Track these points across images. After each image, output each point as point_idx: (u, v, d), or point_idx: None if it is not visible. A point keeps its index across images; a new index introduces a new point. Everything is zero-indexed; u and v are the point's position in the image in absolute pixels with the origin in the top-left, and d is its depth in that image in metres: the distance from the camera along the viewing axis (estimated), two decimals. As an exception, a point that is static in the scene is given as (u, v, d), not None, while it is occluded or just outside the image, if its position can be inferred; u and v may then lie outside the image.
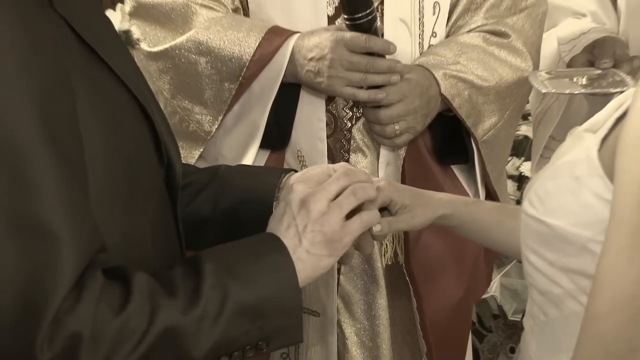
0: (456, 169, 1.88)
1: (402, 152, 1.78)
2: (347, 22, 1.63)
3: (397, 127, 1.69)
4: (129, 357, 0.95)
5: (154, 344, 0.96)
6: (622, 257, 0.86)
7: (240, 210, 1.33)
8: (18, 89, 0.90)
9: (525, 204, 1.08)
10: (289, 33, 1.70)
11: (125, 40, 1.95)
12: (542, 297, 1.07)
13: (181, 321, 0.98)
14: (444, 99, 1.73)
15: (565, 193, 1.00)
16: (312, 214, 1.12)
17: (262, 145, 1.76)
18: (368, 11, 1.60)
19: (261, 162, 1.78)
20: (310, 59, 1.66)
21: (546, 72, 1.84)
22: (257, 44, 1.68)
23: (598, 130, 1.00)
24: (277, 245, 1.10)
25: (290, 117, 1.76)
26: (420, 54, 1.79)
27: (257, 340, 1.06)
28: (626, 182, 0.87)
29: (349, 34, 1.62)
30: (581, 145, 1.01)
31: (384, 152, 1.78)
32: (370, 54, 1.64)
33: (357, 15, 1.60)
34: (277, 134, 1.77)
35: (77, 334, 0.90)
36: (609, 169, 0.93)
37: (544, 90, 1.77)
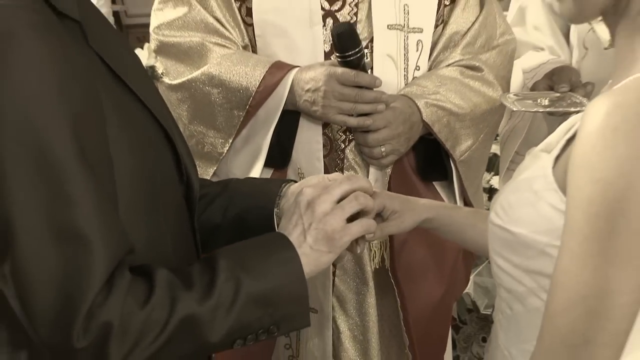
0: (437, 185, 1.89)
1: (389, 170, 1.79)
2: (338, 59, 1.65)
3: (383, 150, 1.71)
4: (154, 343, 0.96)
5: (174, 331, 0.97)
6: (575, 262, 0.87)
7: (247, 216, 1.32)
8: (57, 113, 0.91)
9: (492, 214, 1.08)
10: (289, 67, 1.72)
11: (151, 74, 1.94)
12: (508, 295, 1.08)
13: (198, 310, 0.99)
14: (425, 124, 1.74)
15: (526, 205, 1.01)
16: (316, 214, 1.12)
17: (267, 164, 1.76)
18: (357, 50, 1.62)
19: (266, 178, 1.77)
20: (307, 90, 1.68)
21: (514, 94, 1.85)
22: (262, 77, 1.69)
23: (552, 151, 1.02)
24: (285, 243, 1.11)
25: (291, 140, 1.77)
26: (405, 85, 1.80)
27: (269, 325, 1.07)
28: (577, 198, 0.87)
29: (340, 70, 1.64)
30: (538, 164, 1.03)
31: (372, 170, 1.78)
32: (359, 86, 1.66)
33: (347, 54, 1.62)
34: (280, 154, 1.77)
35: (107, 324, 0.92)
36: (562, 184, 0.94)
37: (514, 109, 1.78)
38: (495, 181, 2.94)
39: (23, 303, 0.92)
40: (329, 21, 1.76)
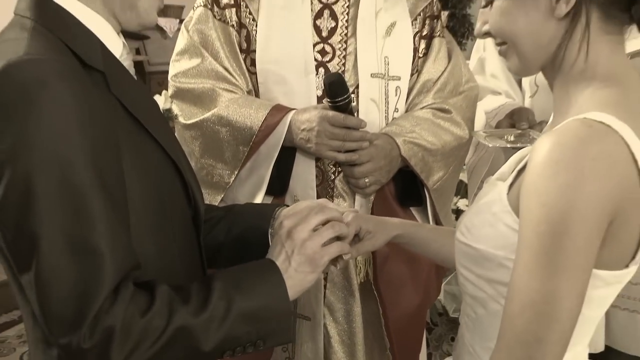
0: (414, 210, 1.89)
1: (372, 197, 1.80)
2: (329, 104, 1.68)
3: (367, 180, 1.73)
4: (152, 348, 0.97)
5: (170, 338, 0.98)
6: (527, 273, 0.89)
7: (247, 235, 1.33)
8: (79, 148, 0.95)
9: (458, 233, 1.09)
10: (287, 110, 1.73)
11: (167, 115, 1.91)
12: (472, 300, 1.10)
13: (192, 322, 1.00)
14: (403, 159, 1.75)
15: (486, 225, 1.02)
16: (296, 242, 1.14)
17: (267, 192, 1.77)
18: (345, 96, 1.65)
19: (266, 205, 1.75)
20: (303, 130, 1.69)
21: (483, 132, 1.86)
22: (264, 118, 1.71)
23: (506, 180, 1.04)
24: (273, 268, 1.12)
25: (288, 171, 1.77)
26: (386, 124, 1.81)
27: (256, 339, 1.07)
28: (528, 219, 0.90)
29: (331, 113, 1.66)
30: (495, 190, 1.04)
31: (358, 198, 1.79)
32: (348, 127, 1.68)
33: (337, 99, 1.65)
34: (279, 184, 1.78)
35: (110, 328, 0.94)
36: (515, 207, 0.96)
37: (490, 145, 1.80)
38: (462, 204, 2.94)
39: (42, 307, 0.95)
40: (321, 70, 1.78)
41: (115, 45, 1.13)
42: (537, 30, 0.99)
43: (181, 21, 6.95)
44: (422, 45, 1.90)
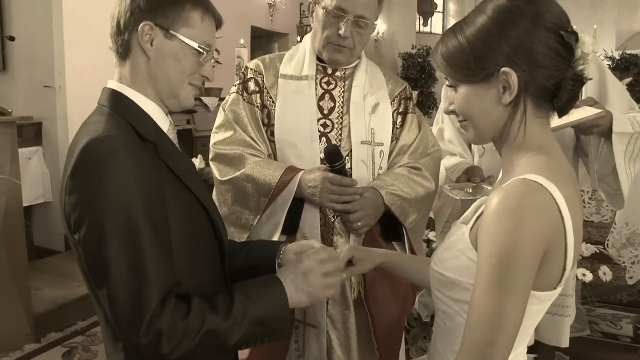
0: (395, 243, 1.86)
1: (363, 235, 1.78)
2: (328, 167, 1.69)
3: (359, 224, 1.73)
4: (190, 343, 1.03)
5: (203, 337, 1.04)
6: (482, 294, 0.91)
7: (259, 264, 1.35)
8: (137, 199, 1.02)
9: (432, 264, 1.11)
10: (297, 170, 1.73)
11: (201, 173, 1.93)
12: (443, 315, 1.10)
13: (221, 325, 1.05)
14: (386, 206, 1.75)
15: (453, 258, 1.04)
16: (309, 281, 1.17)
17: (282, 232, 1.75)
18: (340, 162, 1.68)
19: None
20: (309, 187, 1.69)
21: (448, 186, 1.85)
22: (280, 176, 1.71)
23: (468, 223, 1.05)
24: (277, 283, 1.16)
25: (298, 216, 1.76)
26: (373, 179, 1.80)
27: (263, 337, 1.12)
28: (482, 254, 0.92)
29: (330, 175, 1.67)
30: (460, 231, 1.05)
31: (352, 236, 1.77)
32: (343, 185, 1.68)
33: (334, 164, 1.67)
34: (291, 225, 1.76)
35: (159, 330, 1.00)
36: (475, 244, 0.98)
37: (458, 197, 1.78)
38: (431, 235, 2.95)
39: (112, 313, 1.02)
40: (324, 139, 1.79)
41: (164, 122, 1.20)
42: (489, 112, 1.02)
43: (220, 99, 7.09)
44: (399, 119, 1.91)
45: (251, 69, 1.87)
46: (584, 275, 3.03)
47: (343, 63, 1.84)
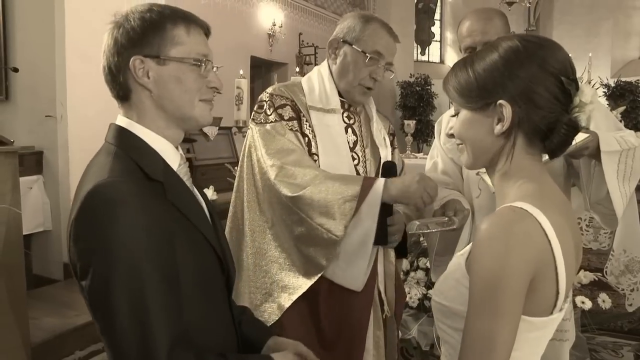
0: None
1: None
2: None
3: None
4: None
5: None
6: (473, 318, 0.95)
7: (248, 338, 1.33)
8: (141, 245, 0.99)
9: (433, 295, 1.13)
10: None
11: (213, 205, 1.91)
12: (446, 344, 1.12)
13: None
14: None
15: (452, 288, 1.06)
16: None
17: (375, 242, 1.66)
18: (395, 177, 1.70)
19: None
20: (402, 184, 1.63)
21: (418, 221, 1.73)
22: (362, 180, 1.64)
23: (465, 254, 1.07)
24: None
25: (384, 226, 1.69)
26: None
27: None
28: (473, 280, 0.96)
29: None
30: (457, 262, 1.08)
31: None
32: None
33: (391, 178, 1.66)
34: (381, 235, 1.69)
35: None
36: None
37: (418, 232, 1.75)
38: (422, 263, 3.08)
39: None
40: (355, 172, 1.82)
41: (174, 158, 1.17)
42: (482, 139, 1.07)
43: (220, 128, 7.14)
44: None
45: (278, 95, 1.80)
46: (583, 302, 3.02)
47: (362, 103, 1.90)
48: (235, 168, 3.73)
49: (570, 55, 1.05)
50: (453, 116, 1.14)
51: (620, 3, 11.62)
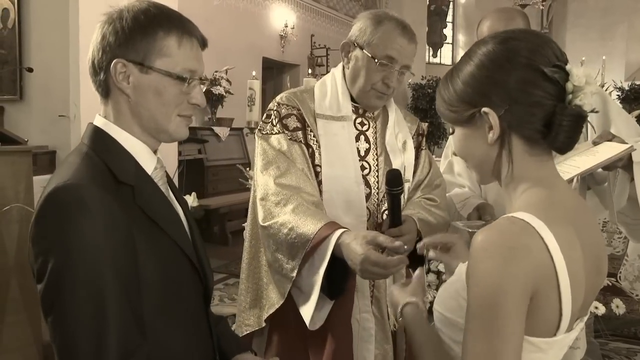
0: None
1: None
2: (387, 190, 1.62)
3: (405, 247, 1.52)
4: None
5: None
6: (472, 337, 0.88)
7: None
8: (100, 248, 0.95)
9: (435, 306, 1.09)
10: (336, 228, 1.54)
11: (194, 211, 1.85)
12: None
13: None
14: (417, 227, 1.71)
15: (452, 299, 1.03)
16: None
17: (328, 295, 1.62)
18: (400, 187, 1.61)
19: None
20: (350, 260, 1.48)
21: (460, 222, 1.79)
22: (317, 230, 1.53)
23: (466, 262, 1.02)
24: None
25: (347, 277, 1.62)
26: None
27: None
28: (469, 296, 0.90)
29: (373, 258, 1.43)
30: (459, 272, 1.04)
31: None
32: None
33: (393, 189, 1.60)
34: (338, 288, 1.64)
35: None
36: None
37: (471, 231, 1.71)
38: (441, 266, 2.95)
39: None
40: (363, 182, 1.76)
41: (150, 162, 1.13)
42: (480, 151, 1.02)
43: (231, 129, 7.16)
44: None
45: (285, 105, 1.77)
46: (596, 308, 2.99)
47: (379, 108, 1.83)
48: (247, 169, 3.74)
49: (582, 57, 1.01)
50: (451, 134, 1.10)
51: (635, 6, 11.52)
